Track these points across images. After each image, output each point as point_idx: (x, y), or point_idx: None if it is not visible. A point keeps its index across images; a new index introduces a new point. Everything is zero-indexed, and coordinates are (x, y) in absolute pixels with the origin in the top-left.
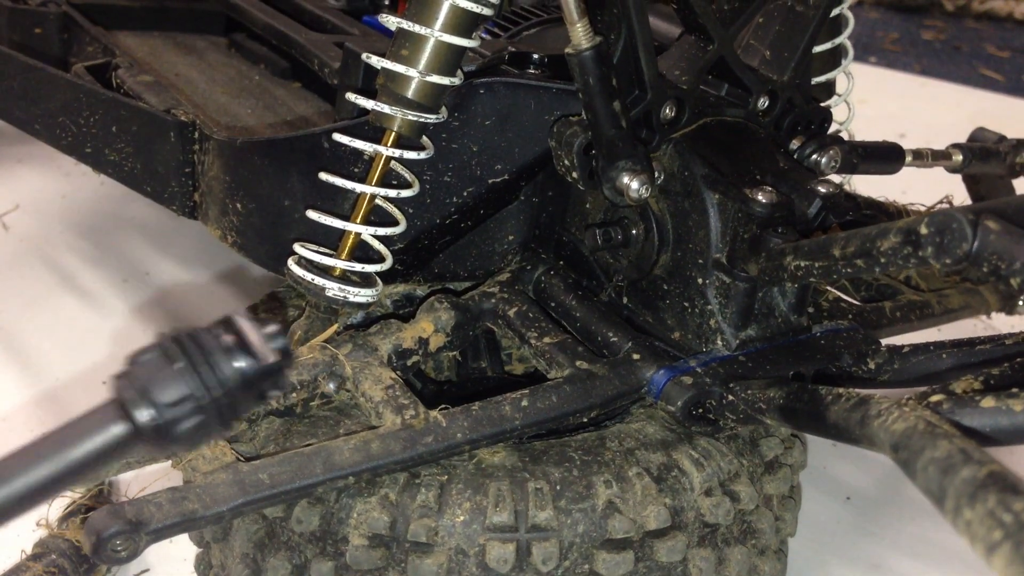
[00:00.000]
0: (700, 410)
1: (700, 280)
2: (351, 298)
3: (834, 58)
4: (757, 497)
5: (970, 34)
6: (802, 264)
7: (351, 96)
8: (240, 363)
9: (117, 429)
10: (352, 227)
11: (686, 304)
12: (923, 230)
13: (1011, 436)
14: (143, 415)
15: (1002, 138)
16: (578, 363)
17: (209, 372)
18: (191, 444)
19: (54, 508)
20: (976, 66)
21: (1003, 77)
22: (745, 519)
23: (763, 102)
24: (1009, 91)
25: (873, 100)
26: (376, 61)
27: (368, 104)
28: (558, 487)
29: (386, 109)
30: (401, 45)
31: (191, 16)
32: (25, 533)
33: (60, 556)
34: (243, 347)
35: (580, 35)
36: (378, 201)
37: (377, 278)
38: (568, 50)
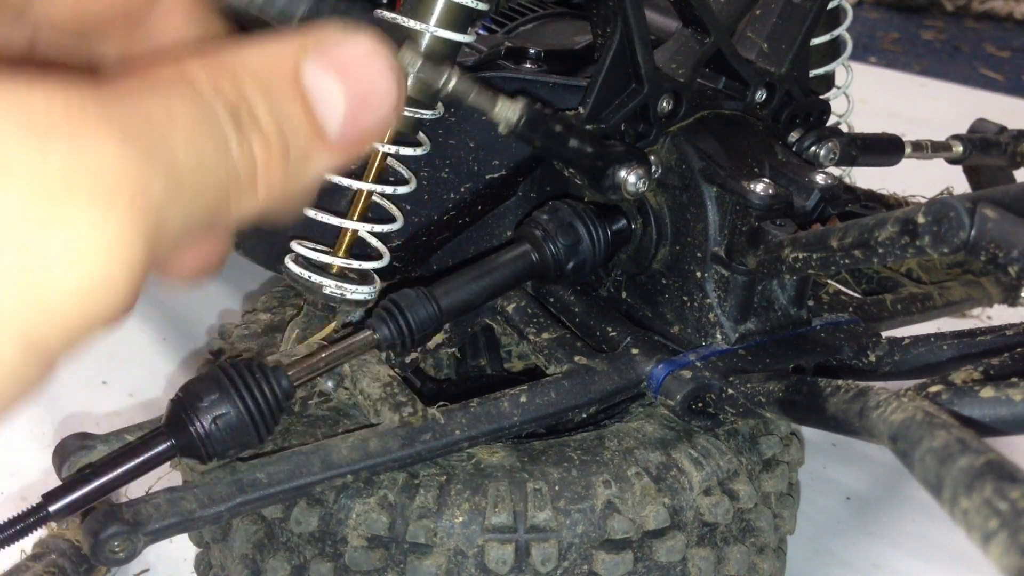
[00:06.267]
0: (700, 404)
1: (699, 274)
2: (349, 295)
3: (833, 51)
4: (756, 495)
5: (970, 34)
6: (800, 256)
7: None
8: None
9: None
10: (349, 224)
11: (685, 298)
12: (920, 219)
13: (1011, 426)
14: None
15: (1003, 129)
16: (576, 358)
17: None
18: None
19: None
20: (976, 66)
21: (1003, 77)
22: (744, 517)
23: (761, 94)
24: (1009, 91)
25: (873, 100)
26: None
27: None
28: (557, 487)
29: None
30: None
31: None
32: None
33: (60, 556)
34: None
35: (505, 111)
36: (375, 198)
37: (375, 275)
38: (502, 130)
